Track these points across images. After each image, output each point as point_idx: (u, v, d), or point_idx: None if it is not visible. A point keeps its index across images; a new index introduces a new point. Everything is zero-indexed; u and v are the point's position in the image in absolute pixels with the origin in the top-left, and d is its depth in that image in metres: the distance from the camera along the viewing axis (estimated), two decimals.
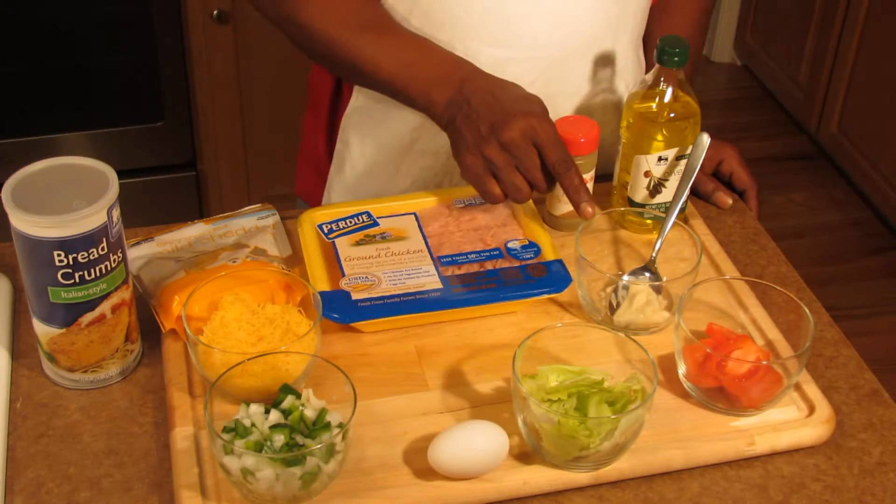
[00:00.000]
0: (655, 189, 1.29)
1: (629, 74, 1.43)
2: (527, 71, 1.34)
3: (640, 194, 1.30)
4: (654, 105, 1.26)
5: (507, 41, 1.32)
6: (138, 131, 2.63)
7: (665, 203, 1.30)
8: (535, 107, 1.20)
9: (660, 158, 1.27)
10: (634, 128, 1.27)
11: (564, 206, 1.29)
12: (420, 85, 1.24)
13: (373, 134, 1.41)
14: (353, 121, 1.42)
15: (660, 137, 1.26)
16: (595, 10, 1.34)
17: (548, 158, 1.18)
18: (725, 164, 1.43)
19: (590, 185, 1.28)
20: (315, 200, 1.53)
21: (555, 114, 1.26)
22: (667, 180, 1.29)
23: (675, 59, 1.22)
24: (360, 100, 1.41)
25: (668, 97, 1.25)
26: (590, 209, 1.20)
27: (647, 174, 1.28)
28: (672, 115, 1.25)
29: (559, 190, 1.27)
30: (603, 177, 1.39)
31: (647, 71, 1.44)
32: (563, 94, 1.38)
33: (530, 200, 1.29)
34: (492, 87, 1.22)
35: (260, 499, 0.97)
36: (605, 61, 1.39)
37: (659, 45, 1.23)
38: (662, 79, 1.25)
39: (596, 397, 1.01)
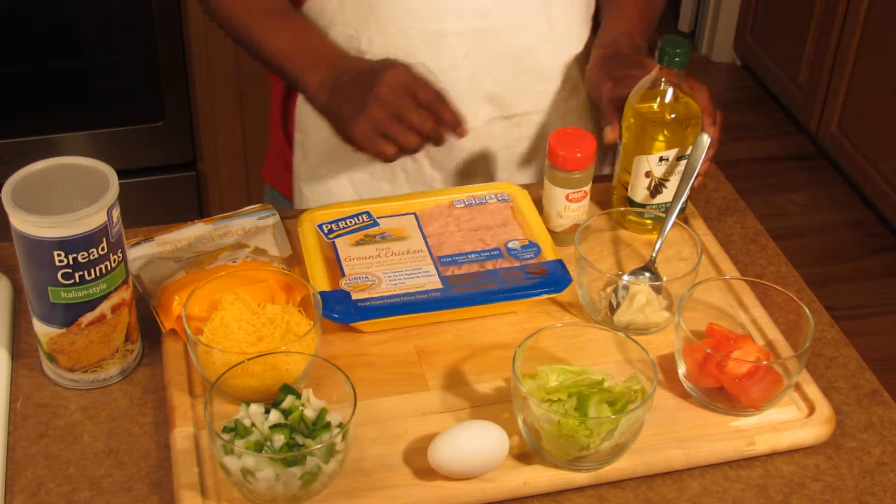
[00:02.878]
0: (656, 189, 1.29)
1: (571, 44, 1.44)
2: (457, 44, 1.36)
3: (640, 194, 1.30)
4: (655, 105, 1.26)
5: (436, 15, 1.35)
6: (138, 131, 2.62)
7: (665, 203, 1.30)
8: (398, 64, 1.27)
9: (661, 159, 1.27)
10: (635, 128, 1.27)
11: (564, 223, 1.29)
12: (298, 67, 1.33)
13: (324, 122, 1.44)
14: (306, 109, 1.44)
15: (661, 138, 1.26)
16: None
17: (421, 100, 1.24)
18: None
19: (586, 199, 1.28)
20: (284, 187, 1.55)
21: (493, 85, 1.36)
22: (667, 180, 1.29)
23: (677, 59, 1.22)
24: None
25: (669, 97, 1.25)
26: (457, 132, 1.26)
27: (648, 174, 1.28)
28: (673, 115, 1.25)
29: (559, 205, 1.27)
30: (603, 177, 1.39)
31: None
32: (496, 66, 1.39)
33: (530, 200, 1.29)
34: (359, 65, 1.30)
35: (260, 499, 0.97)
36: (538, 31, 1.39)
37: (660, 46, 1.23)
38: (663, 79, 1.25)
39: (596, 397, 1.01)
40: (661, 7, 1.52)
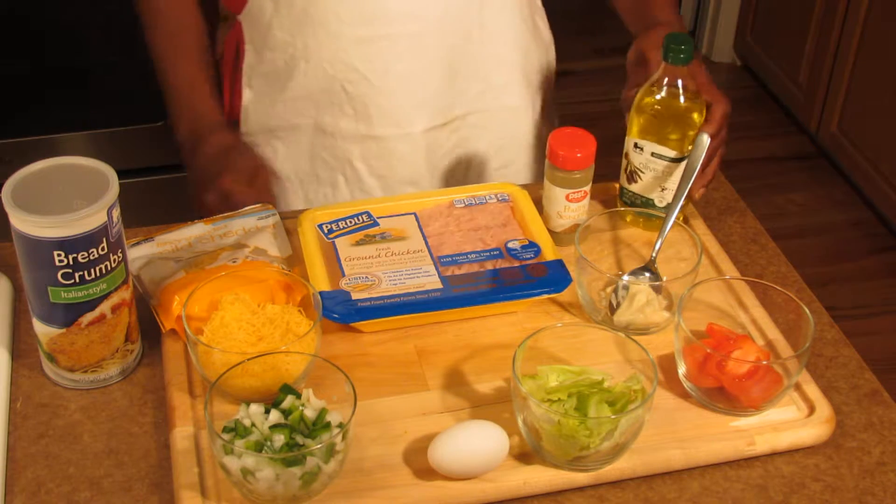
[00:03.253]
0: (631, 176, 1.30)
1: (506, 44, 1.44)
2: (388, 48, 1.37)
3: (622, 176, 1.32)
4: (649, 95, 1.26)
5: (366, 19, 1.36)
6: (138, 131, 2.62)
7: (643, 196, 1.30)
8: (245, 172, 1.36)
9: (636, 145, 1.28)
10: (631, 113, 1.28)
11: (564, 223, 1.29)
12: (178, 110, 1.44)
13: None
14: (251, 109, 1.48)
15: (636, 124, 1.26)
16: None
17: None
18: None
19: (586, 199, 1.28)
20: None
21: (428, 89, 1.38)
22: (642, 172, 1.29)
23: (681, 56, 1.22)
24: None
25: (662, 92, 1.25)
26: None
27: (626, 156, 1.30)
28: (653, 106, 1.25)
29: (559, 205, 1.27)
30: (602, 177, 1.39)
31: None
32: (429, 69, 1.40)
33: (530, 200, 1.29)
34: (221, 141, 1.39)
35: (260, 499, 0.97)
36: (469, 33, 1.39)
37: (664, 43, 1.23)
38: (667, 76, 1.25)
39: (596, 397, 1.01)
40: None
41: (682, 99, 1.25)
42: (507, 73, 1.47)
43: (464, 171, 1.51)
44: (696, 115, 1.26)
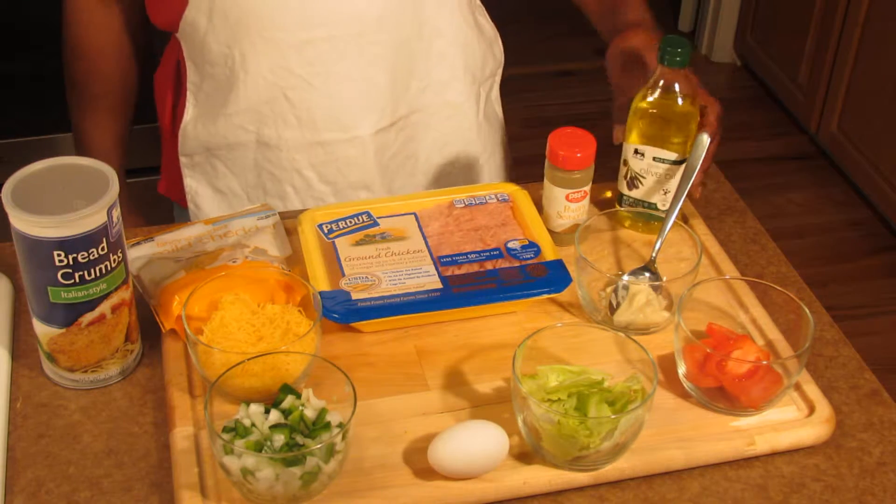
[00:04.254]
0: (632, 182, 1.30)
1: (446, 39, 1.43)
2: (328, 51, 1.36)
3: (621, 183, 1.32)
4: (646, 99, 1.26)
5: (304, 23, 1.34)
6: (138, 131, 2.61)
7: (644, 201, 1.30)
8: None
9: (636, 151, 1.27)
10: (628, 119, 1.28)
11: (564, 223, 1.29)
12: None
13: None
14: (191, 126, 1.47)
15: (636, 130, 1.26)
16: None
17: None
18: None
19: (586, 199, 1.28)
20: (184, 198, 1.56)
21: (371, 89, 1.38)
22: (643, 177, 1.29)
23: (678, 58, 1.22)
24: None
25: (657, 95, 1.25)
26: None
27: (625, 163, 1.30)
28: (652, 110, 1.25)
29: (558, 205, 1.27)
30: (602, 177, 1.39)
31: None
32: (371, 69, 1.38)
33: (530, 200, 1.29)
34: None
35: (260, 499, 0.97)
36: (408, 31, 1.38)
37: (661, 45, 1.23)
38: (664, 78, 1.25)
39: (596, 397, 1.01)
40: None
41: (679, 101, 1.25)
42: (449, 70, 1.46)
43: (410, 171, 1.50)
44: (694, 116, 1.26)
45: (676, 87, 1.24)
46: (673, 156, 1.26)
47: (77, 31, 1.48)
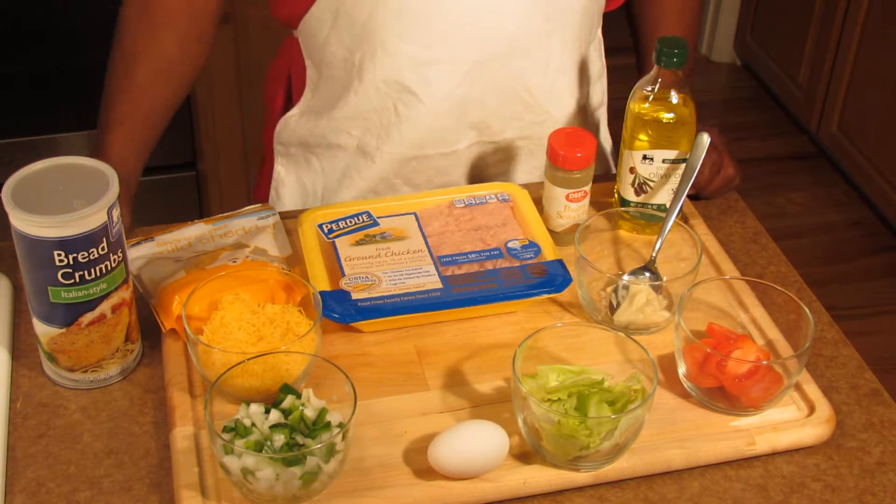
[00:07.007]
0: (640, 188, 1.30)
1: (567, 77, 1.41)
2: (449, 73, 1.34)
3: (626, 191, 1.31)
4: (645, 104, 1.26)
5: (428, 41, 1.32)
6: None
7: (651, 203, 1.30)
8: None
9: (644, 157, 1.27)
10: (626, 125, 1.28)
11: (564, 223, 1.29)
12: (102, 145, 1.31)
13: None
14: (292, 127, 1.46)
15: (643, 136, 1.26)
16: (515, 10, 1.32)
17: None
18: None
19: (586, 199, 1.28)
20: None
21: (482, 113, 1.36)
22: (652, 181, 1.29)
23: (675, 59, 1.22)
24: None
25: (659, 97, 1.25)
26: None
27: (631, 170, 1.29)
28: (658, 114, 1.25)
29: (559, 205, 1.27)
30: (603, 177, 1.40)
31: (643, 73, 1.42)
32: (487, 95, 1.36)
33: (530, 200, 1.29)
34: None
35: (260, 499, 0.97)
36: (534, 63, 1.36)
37: (657, 47, 1.23)
38: (659, 79, 1.25)
39: (596, 397, 1.01)
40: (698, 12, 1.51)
41: (674, 100, 1.25)
42: (567, 109, 1.43)
43: (493, 179, 1.47)
44: (693, 111, 1.26)
45: (673, 87, 1.25)
46: (683, 154, 1.27)
47: None
